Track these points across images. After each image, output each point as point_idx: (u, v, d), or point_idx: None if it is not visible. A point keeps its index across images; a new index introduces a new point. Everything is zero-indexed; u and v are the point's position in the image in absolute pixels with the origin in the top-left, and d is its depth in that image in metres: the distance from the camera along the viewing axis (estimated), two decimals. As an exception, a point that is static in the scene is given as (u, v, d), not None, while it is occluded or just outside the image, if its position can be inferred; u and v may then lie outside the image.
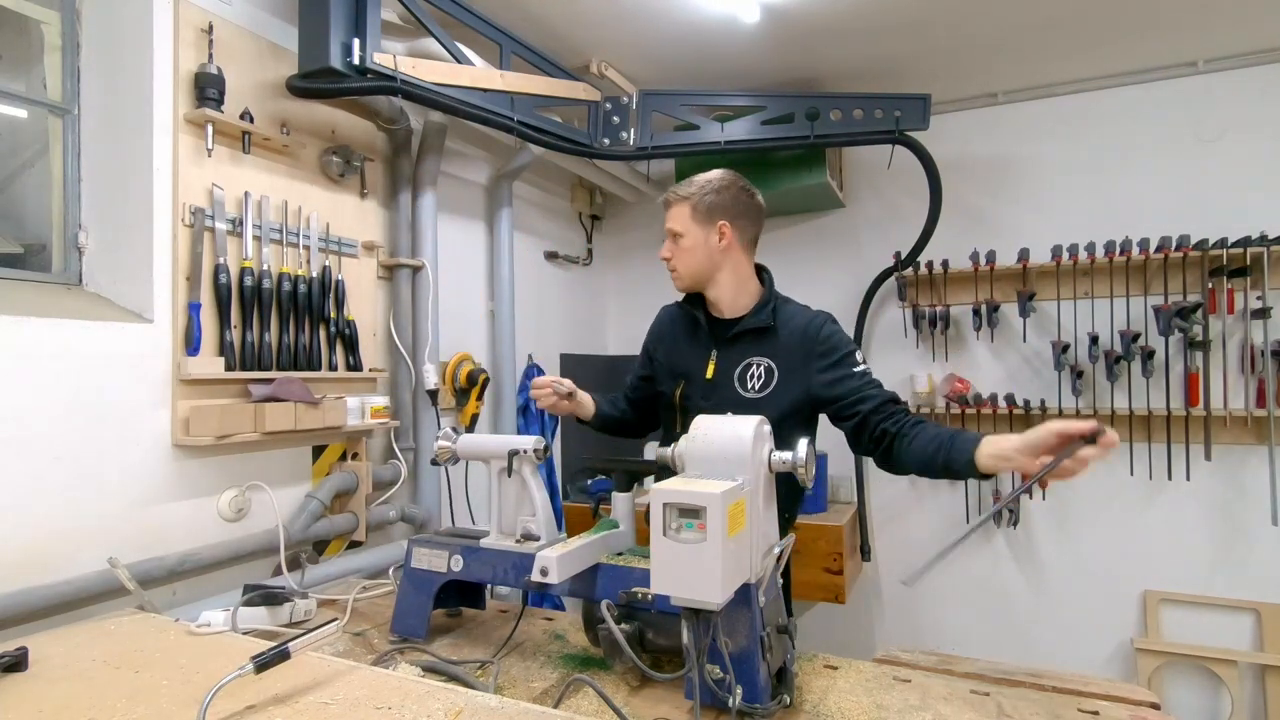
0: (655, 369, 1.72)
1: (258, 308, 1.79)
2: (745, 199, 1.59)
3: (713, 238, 1.56)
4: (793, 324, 1.56)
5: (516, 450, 1.31)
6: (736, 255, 1.59)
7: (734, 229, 1.57)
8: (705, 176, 1.58)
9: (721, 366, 1.56)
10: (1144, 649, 2.71)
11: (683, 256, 1.57)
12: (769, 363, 1.53)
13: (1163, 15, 2.37)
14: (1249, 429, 2.63)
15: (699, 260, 1.57)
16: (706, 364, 1.57)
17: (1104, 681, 1.16)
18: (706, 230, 1.56)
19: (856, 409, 1.45)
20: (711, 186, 1.56)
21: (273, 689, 0.96)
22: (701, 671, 0.98)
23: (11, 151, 1.64)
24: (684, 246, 1.57)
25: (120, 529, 1.53)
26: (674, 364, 1.65)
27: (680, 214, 1.57)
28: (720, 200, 1.56)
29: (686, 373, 1.61)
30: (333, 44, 1.71)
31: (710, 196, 1.55)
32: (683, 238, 1.56)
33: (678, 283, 1.63)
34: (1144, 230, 2.69)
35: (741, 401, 1.52)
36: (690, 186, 1.57)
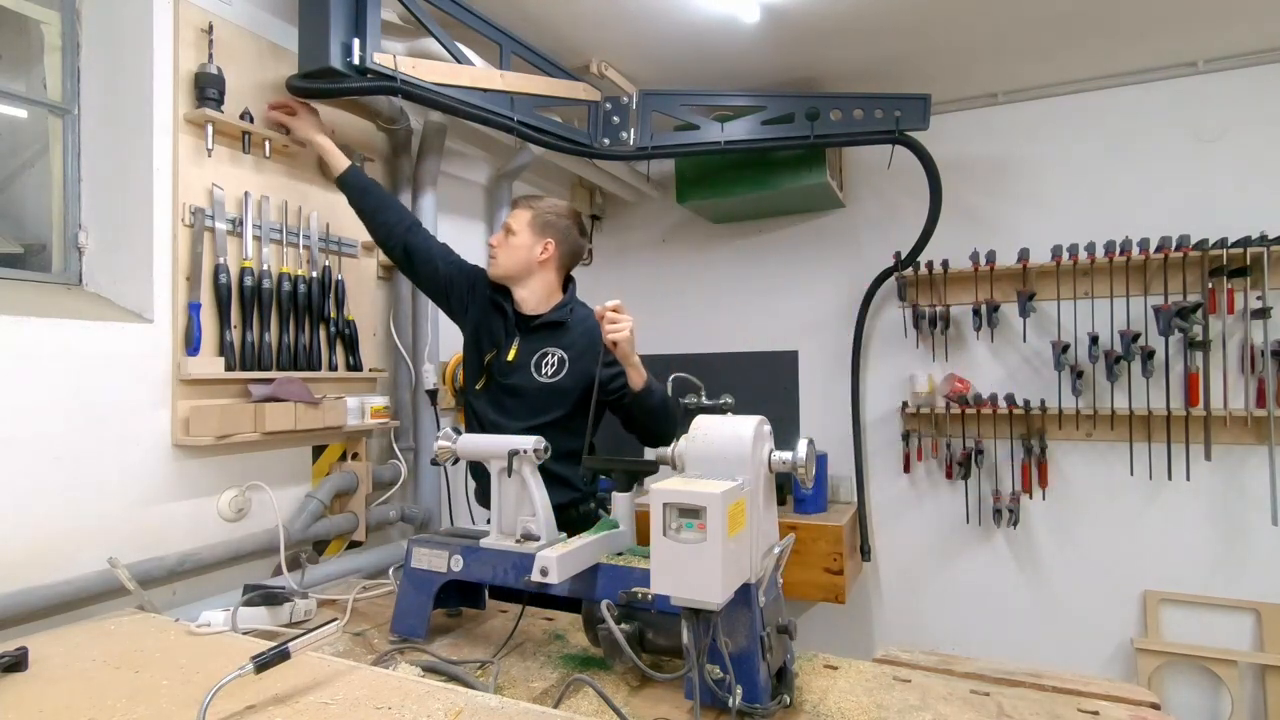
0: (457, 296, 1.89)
1: (258, 308, 1.79)
2: (575, 234, 1.86)
3: (536, 248, 1.79)
4: (585, 324, 1.79)
5: (517, 450, 1.31)
6: (550, 270, 1.82)
7: (556, 249, 1.81)
8: (556, 201, 1.86)
9: (522, 351, 1.78)
10: (1144, 649, 2.71)
11: (508, 251, 1.78)
12: (562, 353, 1.76)
13: (1163, 15, 2.37)
14: (1249, 429, 2.63)
15: (518, 260, 1.78)
16: (510, 347, 1.78)
17: (1104, 681, 1.16)
18: (535, 239, 1.78)
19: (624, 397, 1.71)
20: (556, 210, 1.82)
21: (273, 689, 0.96)
22: (701, 671, 0.98)
23: (11, 151, 1.64)
24: (512, 244, 1.78)
25: (120, 529, 1.53)
26: (484, 329, 1.84)
27: (523, 217, 1.79)
28: (556, 224, 1.81)
29: (495, 345, 1.81)
30: (333, 44, 1.71)
31: (549, 216, 1.81)
32: (515, 236, 1.78)
33: (494, 269, 1.82)
34: (1144, 230, 2.69)
35: (537, 385, 1.75)
36: (541, 202, 1.83)
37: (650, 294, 3.69)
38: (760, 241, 3.48)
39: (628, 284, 3.75)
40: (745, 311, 3.50)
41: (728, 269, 3.54)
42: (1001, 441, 2.97)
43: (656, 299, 3.67)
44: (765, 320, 3.46)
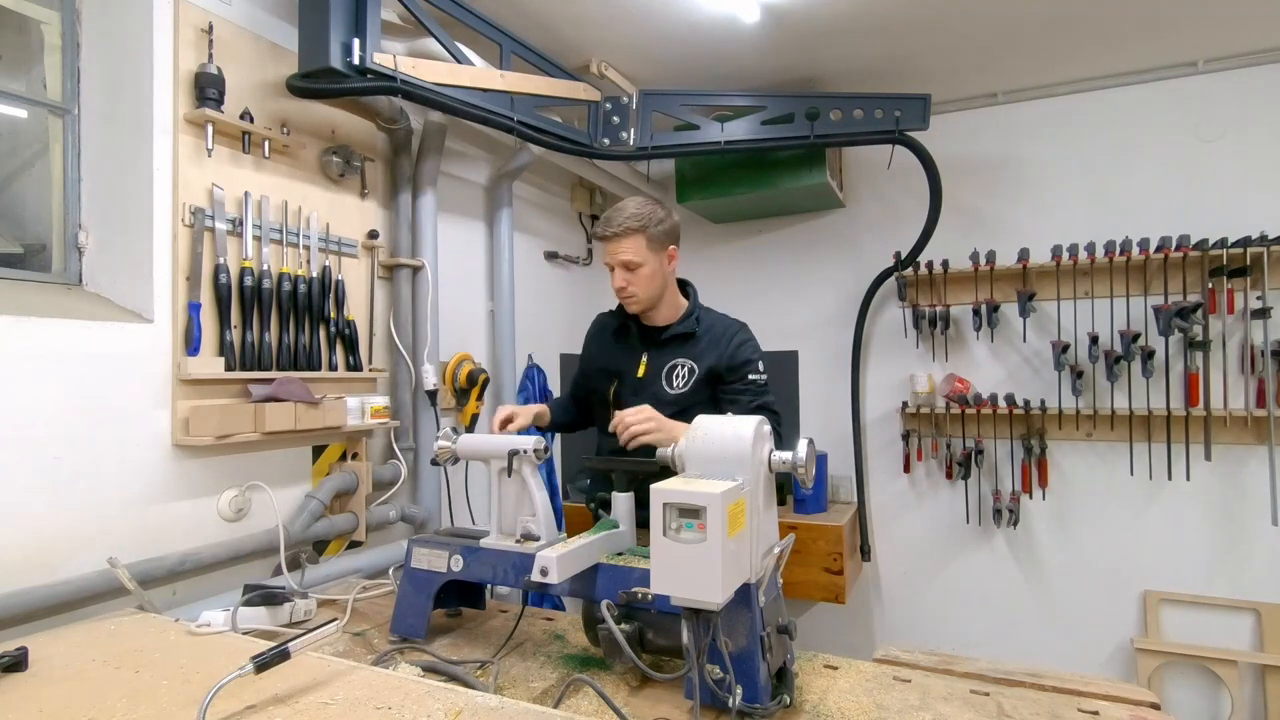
0: (590, 370, 1.89)
1: (258, 308, 1.79)
2: (677, 222, 1.75)
3: (665, 265, 1.71)
4: (713, 331, 1.75)
5: (516, 450, 1.31)
6: (674, 275, 1.77)
7: (678, 251, 1.75)
8: (639, 207, 1.68)
9: (652, 366, 1.73)
10: (1144, 649, 2.71)
11: (642, 284, 1.69)
12: (692, 364, 1.71)
13: (1163, 15, 2.37)
14: (1249, 429, 2.63)
15: (657, 285, 1.71)
16: (638, 364, 1.74)
17: (1104, 681, 1.16)
18: (660, 257, 1.70)
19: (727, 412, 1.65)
20: (657, 216, 1.69)
21: (273, 689, 0.96)
22: (701, 671, 0.98)
23: (11, 151, 1.64)
24: (643, 275, 1.68)
25: (120, 529, 1.53)
26: (607, 364, 1.80)
27: (635, 245, 1.66)
28: (668, 228, 1.71)
29: (620, 371, 1.76)
30: (333, 44, 1.71)
31: (662, 225, 1.69)
32: (641, 267, 1.67)
33: (634, 306, 1.73)
34: (1144, 230, 2.69)
35: (666, 398, 1.68)
36: (638, 218, 1.66)
37: (650, 294, 3.69)
38: (760, 241, 3.48)
39: (628, 284, 3.75)
40: (745, 311, 3.47)
41: (728, 269, 3.54)
42: (1001, 441, 2.97)
43: (656, 299, 3.67)
44: (765, 320, 3.44)
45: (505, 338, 2.73)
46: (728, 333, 1.74)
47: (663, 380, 1.71)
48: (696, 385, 1.69)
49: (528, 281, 3.01)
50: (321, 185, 2.01)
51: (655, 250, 1.68)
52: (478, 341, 2.70)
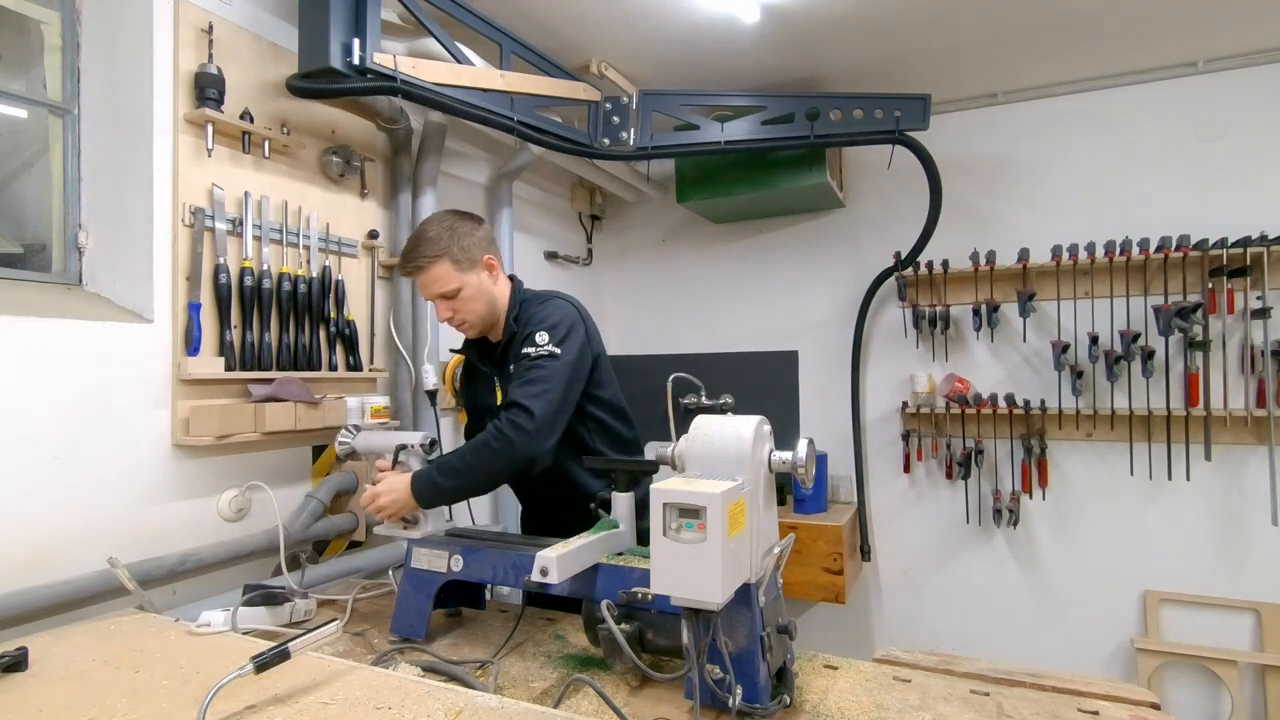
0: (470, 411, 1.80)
1: (258, 308, 1.79)
2: (483, 229, 1.61)
3: (485, 280, 1.59)
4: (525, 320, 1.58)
5: (404, 445, 1.45)
6: (501, 281, 1.64)
7: (497, 259, 1.62)
8: (435, 230, 1.54)
9: (505, 390, 1.61)
10: (1144, 649, 2.71)
11: (469, 308, 1.57)
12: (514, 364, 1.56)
13: (1163, 15, 2.37)
14: (1249, 429, 2.63)
15: (485, 303, 1.59)
16: (495, 393, 1.66)
17: (1104, 681, 1.16)
18: (475, 274, 1.57)
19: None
20: (458, 232, 1.55)
21: (273, 689, 0.96)
22: (701, 671, 0.98)
23: (11, 151, 1.64)
24: (466, 299, 1.56)
25: (120, 529, 1.53)
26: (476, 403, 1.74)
27: (442, 273, 1.53)
28: (475, 240, 1.57)
29: (489, 407, 1.66)
30: (333, 44, 1.71)
31: (464, 241, 1.55)
32: (461, 291, 1.55)
33: (471, 332, 1.64)
34: (1144, 230, 2.69)
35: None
36: (435, 244, 1.52)
37: (650, 294, 3.69)
38: (760, 241, 3.48)
39: (628, 284, 3.76)
40: (745, 311, 3.50)
41: (728, 269, 3.54)
42: (1001, 441, 2.97)
43: (656, 299, 3.67)
44: (765, 320, 3.46)
45: (505, 338, 2.73)
46: (529, 312, 1.58)
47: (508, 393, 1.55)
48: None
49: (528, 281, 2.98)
50: (321, 185, 2.01)
51: (467, 270, 1.54)
52: (478, 341, 2.70)
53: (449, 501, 1.44)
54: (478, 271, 1.57)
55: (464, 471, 1.39)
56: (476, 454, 1.39)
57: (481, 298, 1.58)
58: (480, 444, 1.39)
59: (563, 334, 1.50)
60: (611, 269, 3.78)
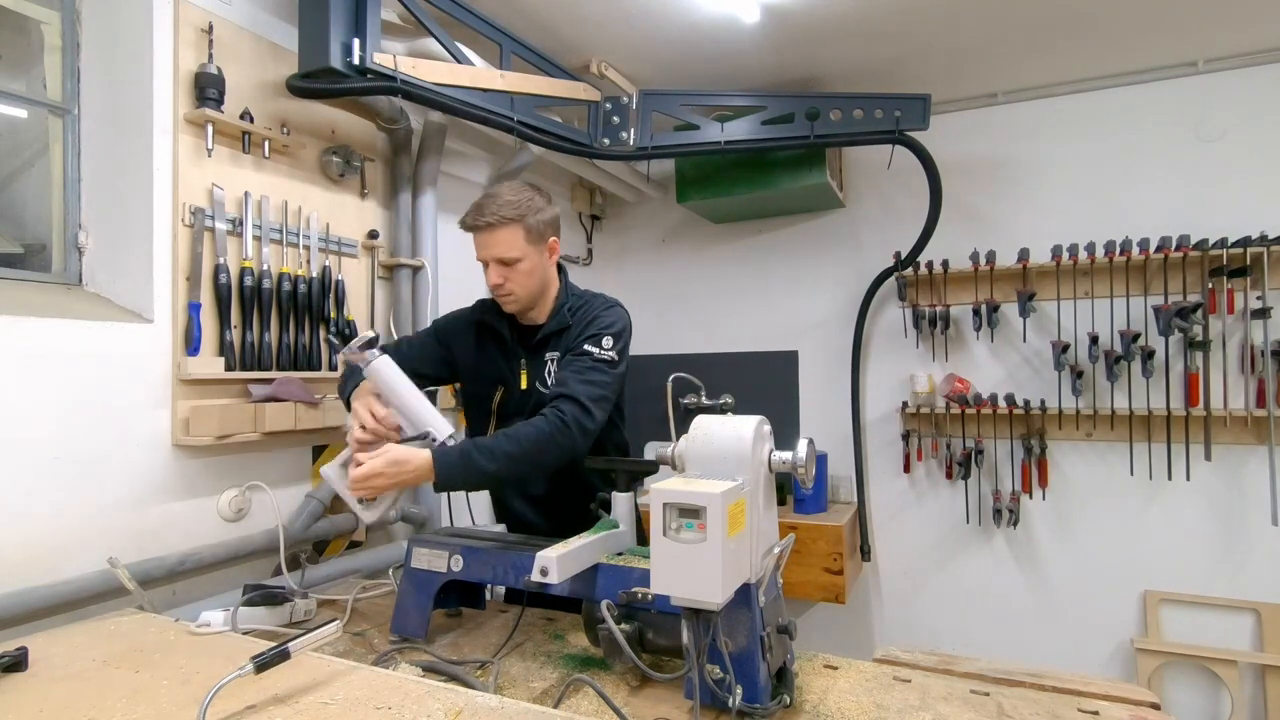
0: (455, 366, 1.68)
1: (258, 308, 1.79)
2: (554, 209, 1.57)
3: (544, 259, 1.55)
4: (583, 315, 1.58)
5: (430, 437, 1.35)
6: (553, 266, 1.61)
7: (559, 243, 1.59)
8: (514, 194, 1.50)
9: (531, 375, 1.59)
10: (1144, 649, 2.71)
11: (521, 280, 1.52)
12: (556, 355, 1.57)
13: (1163, 15, 2.37)
14: (1249, 429, 2.63)
15: (536, 283, 1.55)
16: (519, 374, 1.59)
17: (1104, 681, 1.16)
18: (539, 250, 1.53)
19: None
20: (536, 204, 1.51)
21: (273, 689, 0.96)
22: (701, 671, 0.98)
23: (11, 151, 1.64)
24: (522, 270, 1.50)
25: (120, 529, 1.53)
26: (487, 370, 1.63)
27: (511, 237, 1.47)
28: (548, 218, 1.54)
29: (503, 380, 1.61)
30: (333, 44, 1.71)
31: (541, 215, 1.51)
32: (520, 262, 1.49)
33: (512, 306, 1.56)
34: (1144, 230, 2.69)
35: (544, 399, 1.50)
36: (513, 206, 1.47)
37: (650, 294, 3.69)
38: (760, 241, 3.48)
39: (628, 284, 3.75)
40: (745, 311, 3.50)
41: (728, 269, 3.54)
42: (1001, 441, 2.97)
43: (656, 299, 3.67)
44: (765, 320, 3.46)
45: (505, 338, 2.73)
46: (591, 313, 1.57)
47: (538, 384, 1.57)
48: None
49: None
50: (321, 185, 2.01)
51: (534, 243, 1.50)
52: (478, 341, 2.70)
53: (479, 487, 1.38)
54: (541, 249, 1.54)
55: (517, 458, 1.32)
56: (535, 442, 1.34)
57: (536, 275, 1.54)
58: (540, 433, 1.34)
59: (624, 345, 1.53)
60: (611, 269, 3.78)
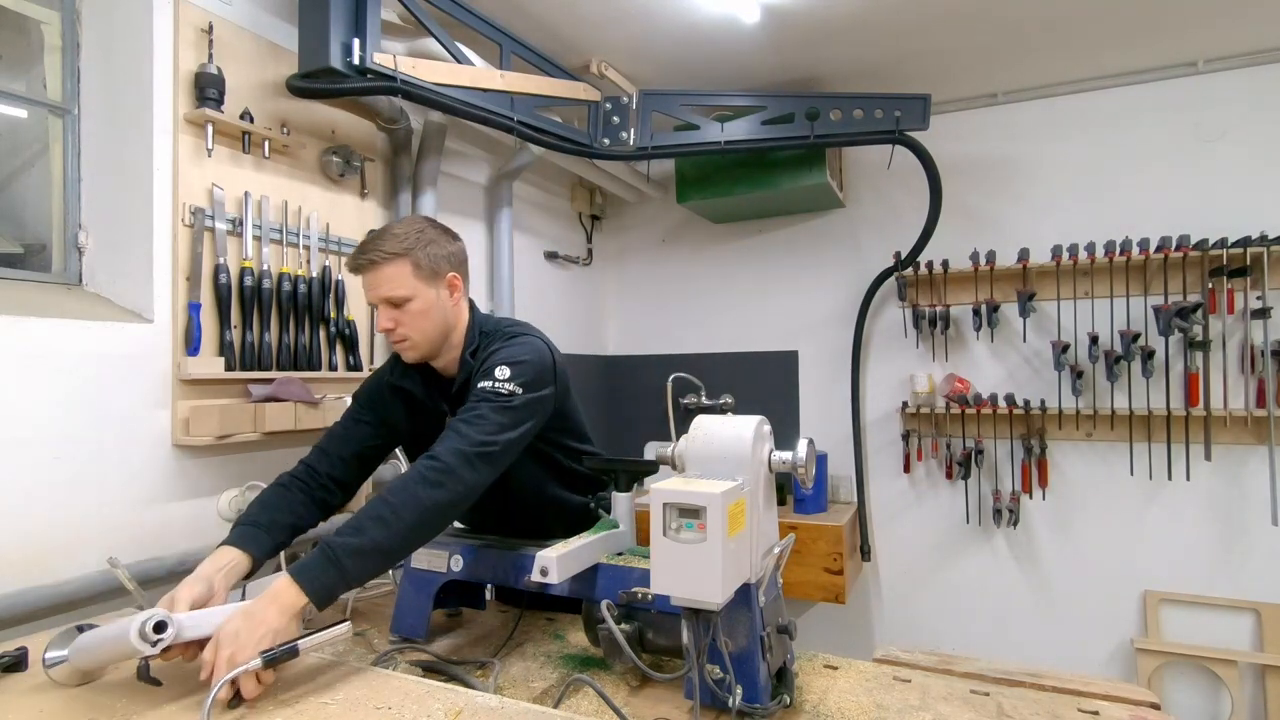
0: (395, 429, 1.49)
1: (258, 308, 1.79)
2: (457, 245, 1.42)
3: (443, 294, 1.37)
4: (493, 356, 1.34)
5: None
6: (462, 307, 1.42)
7: (462, 278, 1.41)
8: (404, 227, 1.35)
9: None
10: (1144, 649, 2.71)
11: (415, 323, 1.33)
12: None
13: (1163, 15, 2.37)
14: (1249, 429, 2.63)
15: (434, 325, 1.35)
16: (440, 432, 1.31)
17: (1104, 681, 1.16)
18: (435, 288, 1.35)
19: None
20: (427, 237, 1.35)
21: (273, 689, 0.96)
22: (701, 671, 0.98)
23: (11, 151, 1.64)
24: (414, 311, 1.32)
25: (120, 529, 1.53)
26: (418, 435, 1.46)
27: (397, 274, 1.30)
28: (444, 252, 1.37)
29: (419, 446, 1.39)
30: (333, 44, 1.71)
31: (433, 247, 1.35)
32: (411, 301, 1.32)
33: (411, 354, 1.38)
34: (1144, 230, 2.70)
35: None
36: (400, 240, 1.31)
37: (650, 294, 3.69)
38: (760, 241, 3.48)
39: (628, 284, 3.76)
40: (745, 311, 3.50)
41: (728, 269, 3.54)
42: (1001, 441, 2.97)
43: (656, 299, 3.67)
44: (765, 320, 3.46)
45: (505, 338, 2.73)
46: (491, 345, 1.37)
47: None
48: None
49: (528, 281, 3.01)
50: (321, 185, 2.01)
51: (426, 279, 1.33)
52: (478, 341, 2.70)
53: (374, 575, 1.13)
54: (437, 286, 1.36)
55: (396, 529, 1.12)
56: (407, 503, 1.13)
57: (432, 316, 1.35)
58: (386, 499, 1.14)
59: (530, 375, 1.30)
60: (611, 269, 3.78)
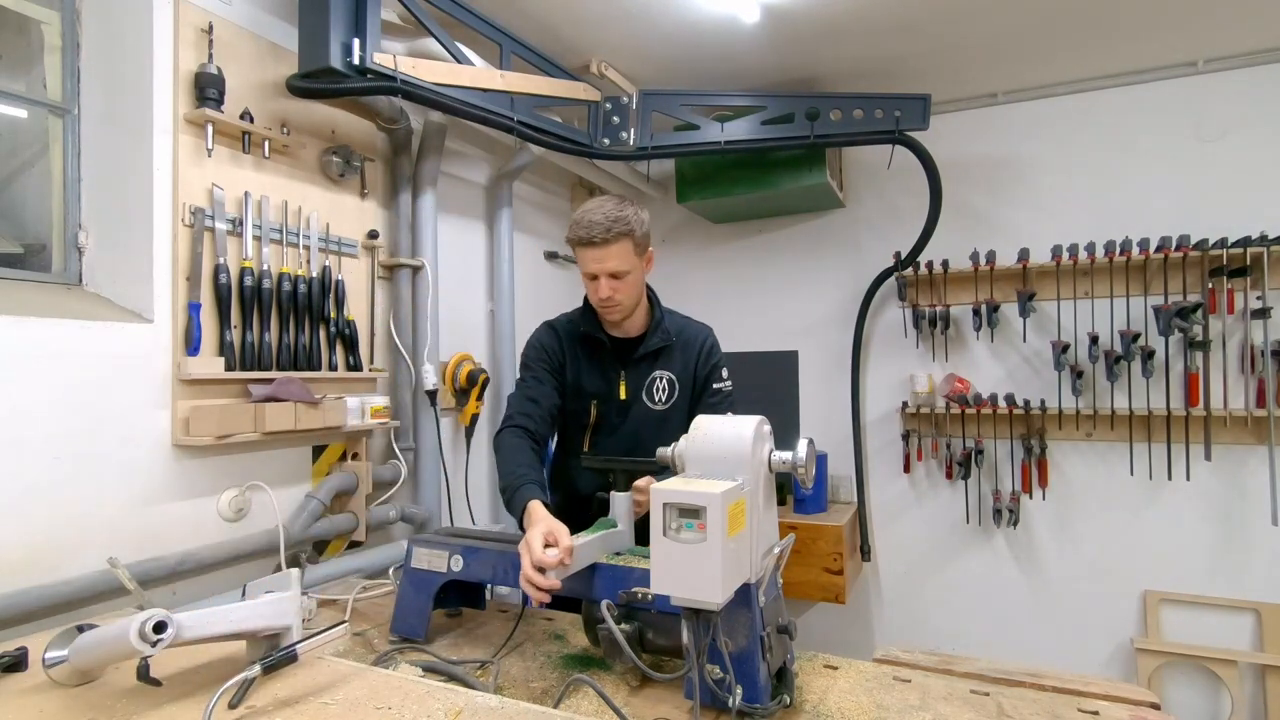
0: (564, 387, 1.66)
1: (258, 308, 1.79)
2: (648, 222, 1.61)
3: (644, 267, 1.61)
4: (683, 338, 1.68)
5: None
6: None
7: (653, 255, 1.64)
8: (622, 209, 1.53)
9: (631, 385, 1.65)
10: (1144, 649, 2.71)
11: (628, 291, 1.56)
12: (670, 375, 1.66)
13: (1163, 15, 2.37)
14: (1249, 429, 2.63)
15: (638, 292, 1.61)
16: (617, 384, 1.64)
17: (1104, 681, 1.16)
18: (642, 262, 1.59)
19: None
20: (640, 217, 1.55)
21: (273, 690, 0.96)
22: (701, 671, 0.98)
23: (11, 151, 1.64)
24: (630, 282, 1.55)
25: (120, 529, 1.53)
26: (581, 384, 1.66)
27: (623, 251, 1.52)
28: (648, 230, 1.58)
29: (598, 393, 1.65)
30: (333, 44, 1.71)
31: (644, 227, 1.56)
32: (629, 274, 1.54)
33: (617, 315, 1.60)
34: (1144, 230, 2.70)
35: (650, 414, 1.64)
36: (625, 222, 1.51)
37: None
38: (760, 241, 3.48)
39: (628, 284, 3.75)
40: (745, 311, 3.50)
41: (728, 269, 3.54)
42: (1001, 441, 2.97)
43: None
44: (765, 320, 3.46)
45: (505, 338, 2.73)
46: (697, 339, 1.70)
47: (644, 397, 1.65)
48: (677, 396, 1.66)
49: (528, 281, 3.01)
50: (321, 185, 2.01)
51: (639, 255, 1.56)
52: (478, 341, 2.70)
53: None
54: (643, 260, 1.59)
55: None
56: None
57: (639, 286, 1.60)
58: None
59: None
60: (611, 269, 3.78)
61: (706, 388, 1.66)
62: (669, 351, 1.66)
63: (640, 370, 1.65)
